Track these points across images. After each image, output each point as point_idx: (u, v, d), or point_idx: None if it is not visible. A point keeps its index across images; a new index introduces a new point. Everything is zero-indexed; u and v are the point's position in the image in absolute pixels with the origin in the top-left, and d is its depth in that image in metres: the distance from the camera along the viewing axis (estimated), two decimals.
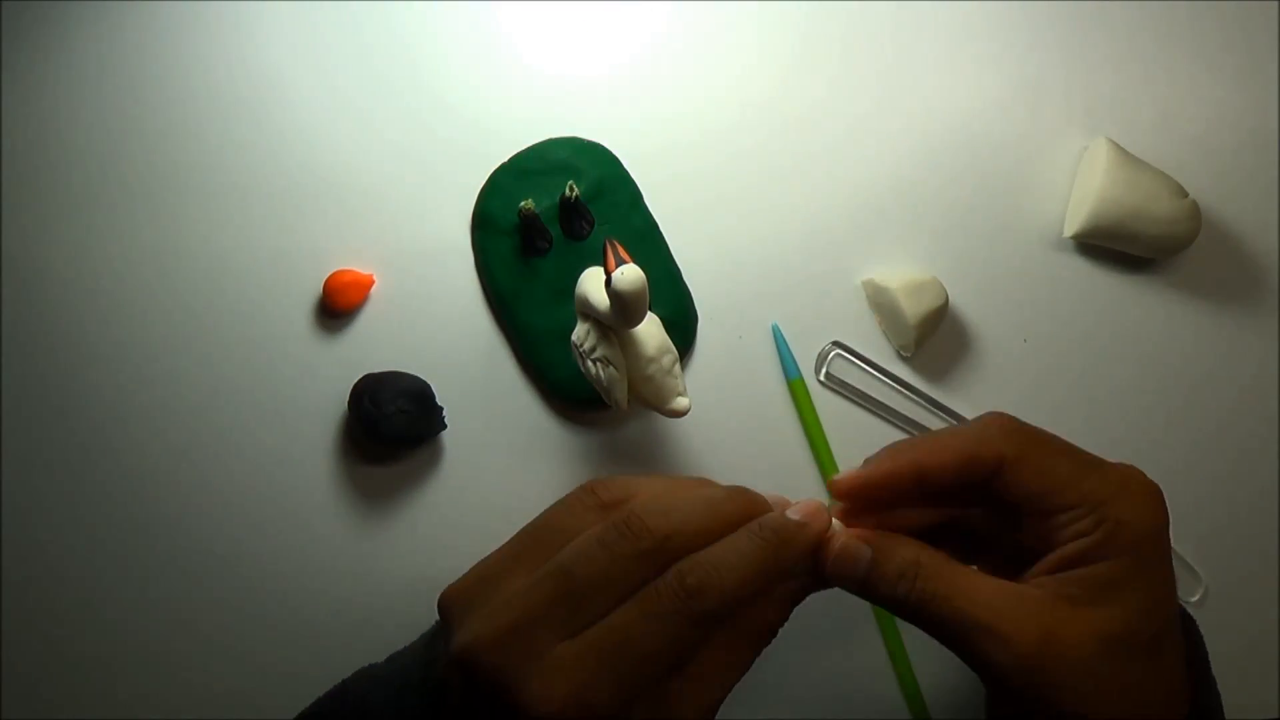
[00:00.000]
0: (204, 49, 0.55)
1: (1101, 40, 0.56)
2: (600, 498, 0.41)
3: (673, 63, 0.56)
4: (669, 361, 0.47)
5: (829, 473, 0.53)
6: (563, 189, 0.52)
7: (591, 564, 0.38)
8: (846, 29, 0.56)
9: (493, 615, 0.39)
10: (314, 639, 0.53)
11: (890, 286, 0.52)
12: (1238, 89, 0.57)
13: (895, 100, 0.56)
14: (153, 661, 0.53)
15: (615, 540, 0.38)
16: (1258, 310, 0.56)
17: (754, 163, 0.55)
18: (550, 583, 0.39)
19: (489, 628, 0.38)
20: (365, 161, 0.55)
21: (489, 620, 0.39)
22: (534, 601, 0.38)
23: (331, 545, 0.53)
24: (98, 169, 0.54)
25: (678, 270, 0.54)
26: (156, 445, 0.53)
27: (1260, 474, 0.55)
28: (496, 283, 0.54)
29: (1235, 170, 0.56)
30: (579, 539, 0.39)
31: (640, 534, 0.39)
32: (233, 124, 0.55)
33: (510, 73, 0.55)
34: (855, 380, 0.54)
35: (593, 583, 0.38)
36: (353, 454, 0.54)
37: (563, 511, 0.41)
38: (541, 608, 0.38)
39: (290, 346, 0.54)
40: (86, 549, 0.53)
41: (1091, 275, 0.55)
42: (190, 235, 0.54)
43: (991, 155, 0.56)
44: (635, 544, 0.38)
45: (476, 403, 0.54)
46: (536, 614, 0.38)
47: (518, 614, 0.38)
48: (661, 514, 0.39)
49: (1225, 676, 0.54)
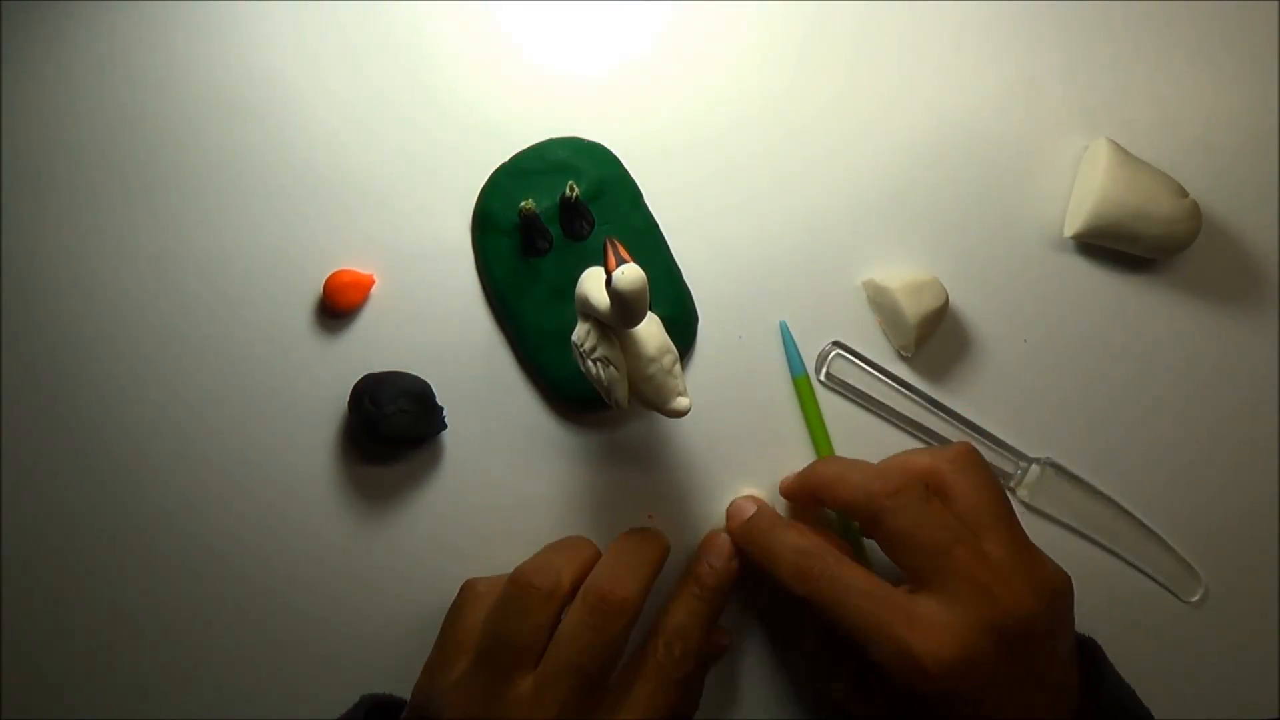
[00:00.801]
0: (204, 49, 0.55)
1: (1101, 40, 0.56)
2: (542, 591, 0.47)
3: (673, 63, 0.56)
4: (669, 361, 0.47)
5: None
6: (563, 189, 0.52)
7: (592, 654, 0.45)
8: (847, 29, 0.56)
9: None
10: (314, 639, 0.53)
11: (890, 286, 0.52)
12: (1238, 89, 0.57)
13: (895, 99, 0.56)
14: (152, 662, 0.53)
15: (604, 623, 0.45)
16: (1258, 310, 0.56)
17: (754, 163, 0.55)
18: (569, 680, 0.45)
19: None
20: (365, 161, 0.55)
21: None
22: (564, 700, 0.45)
23: (331, 545, 0.53)
24: (98, 169, 0.54)
25: (678, 270, 0.54)
26: (156, 445, 0.53)
27: (1260, 474, 0.55)
28: (496, 283, 0.54)
29: (1235, 170, 0.56)
30: (567, 630, 0.46)
31: (621, 609, 0.46)
32: (233, 124, 0.55)
33: (510, 73, 0.55)
34: (855, 380, 0.54)
35: (601, 670, 0.45)
36: (353, 454, 0.53)
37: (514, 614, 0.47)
38: (573, 703, 0.45)
39: (290, 346, 0.54)
40: (86, 549, 0.53)
41: (1091, 275, 0.55)
42: (190, 235, 0.54)
43: (992, 155, 0.56)
44: (620, 620, 0.46)
45: (476, 403, 0.54)
46: (569, 710, 0.44)
47: (555, 714, 0.44)
48: (621, 584, 0.46)
49: (1225, 676, 0.54)
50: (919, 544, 0.45)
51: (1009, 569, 0.44)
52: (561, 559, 0.48)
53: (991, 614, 0.43)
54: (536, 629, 0.46)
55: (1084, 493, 0.54)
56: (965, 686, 0.43)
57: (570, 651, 0.45)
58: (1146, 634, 0.54)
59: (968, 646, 0.43)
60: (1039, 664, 0.44)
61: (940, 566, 0.44)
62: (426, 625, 0.52)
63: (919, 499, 0.45)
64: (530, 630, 0.46)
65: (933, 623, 0.43)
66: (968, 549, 0.44)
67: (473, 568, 0.53)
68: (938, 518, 0.45)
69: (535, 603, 0.46)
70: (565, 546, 0.50)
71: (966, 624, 0.43)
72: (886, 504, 0.45)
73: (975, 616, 0.43)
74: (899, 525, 0.45)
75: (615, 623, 0.46)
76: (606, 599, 0.46)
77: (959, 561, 0.44)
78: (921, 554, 0.45)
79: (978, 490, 0.47)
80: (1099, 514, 0.54)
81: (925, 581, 0.44)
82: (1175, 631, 0.54)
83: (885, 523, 0.45)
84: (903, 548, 0.45)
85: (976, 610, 0.43)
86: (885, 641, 0.43)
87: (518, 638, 0.46)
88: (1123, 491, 0.55)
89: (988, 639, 0.43)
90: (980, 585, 0.44)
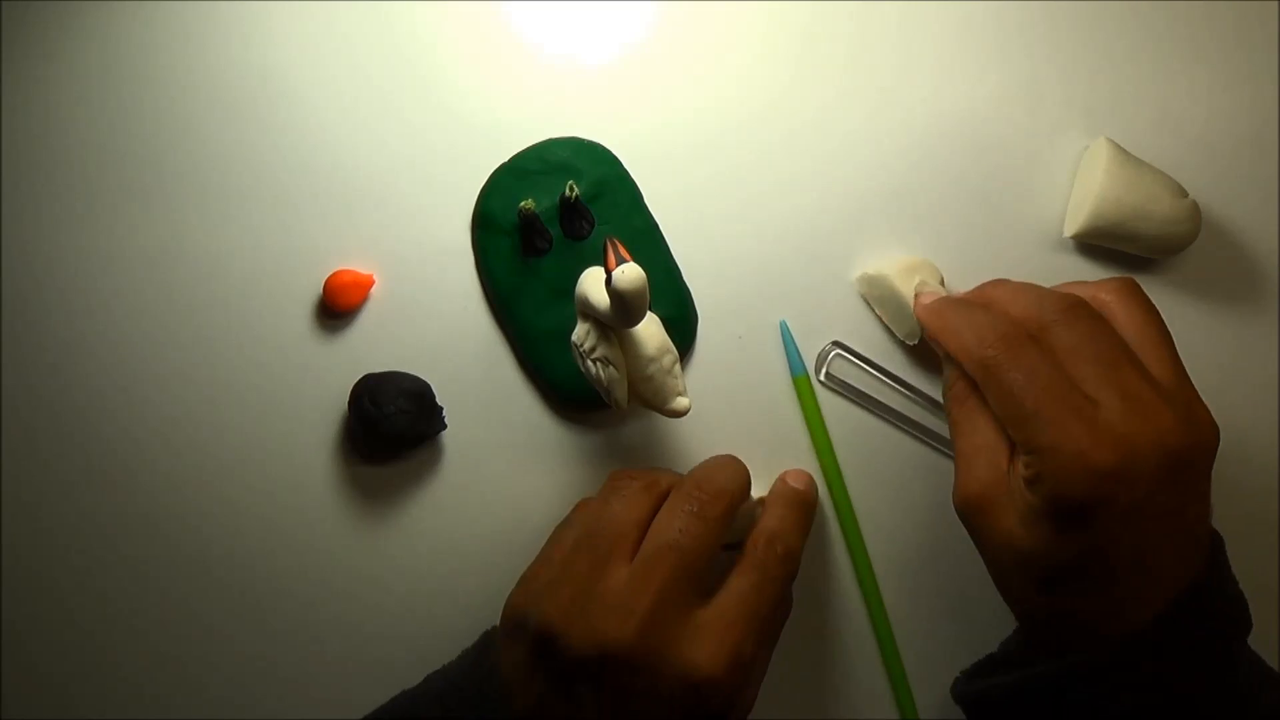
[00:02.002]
0: (204, 49, 0.55)
1: (1101, 40, 0.56)
2: (639, 482, 0.48)
3: (673, 62, 0.56)
4: (669, 361, 0.47)
5: (830, 467, 0.54)
6: (563, 189, 0.52)
7: (690, 535, 0.45)
8: (847, 29, 0.56)
9: (628, 609, 0.43)
10: (314, 639, 0.53)
11: (885, 273, 0.52)
12: (1238, 89, 0.57)
13: (895, 99, 0.56)
14: (152, 662, 0.53)
15: (701, 508, 0.45)
16: (1258, 310, 0.56)
17: (754, 163, 0.55)
18: (669, 559, 0.44)
19: (630, 624, 0.43)
20: (365, 161, 0.55)
21: (628, 618, 0.43)
22: (663, 580, 0.44)
23: (331, 545, 0.53)
24: (98, 169, 0.54)
25: (678, 270, 0.54)
26: (156, 445, 0.53)
27: (1260, 474, 0.55)
28: (496, 283, 0.54)
29: (1235, 170, 0.56)
30: (665, 515, 0.46)
31: (719, 495, 0.46)
32: (233, 124, 0.55)
33: (510, 72, 0.55)
34: (855, 380, 0.54)
35: (699, 551, 0.45)
36: (353, 454, 0.53)
37: (613, 501, 0.47)
38: (671, 585, 0.44)
39: (290, 346, 0.54)
40: (86, 549, 0.53)
41: (1091, 275, 0.55)
42: (190, 235, 0.54)
43: (991, 155, 0.56)
44: (718, 506, 0.46)
45: (476, 403, 0.54)
46: (668, 592, 0.44)
47: (653, 596, 0.43)
48: (717, 473, 0.47)
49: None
50: (1093, 356, 0.43)
51: (1177, 394, 0.44)
52: (656, 470, 0.50)
53: (1160, 434, 0.42)
54: (634, 518, 0.46)
55: None
56: (1123, 495, 0.41)
57: (668, 532, 0.45)
58: None
59: (1136, 456, 0.41)
60: (1190, 502, 0.43)
61: (1112, 379, 0.43)
62: (426, 624, 0.52)
63: (1089, 316, 0.44)
64: (627, 518, 0.46)
65: (1110, 428, 0.41)
66: (1136, 371, 0.43)
67: (472, 567, 0.53)
68: (1109, 336, 0.44)
69: (633, 493, 0.47)
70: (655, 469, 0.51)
71: (1141, 435, 0.42)
72: (1058, 318, 0.44)
73: (1149, 430, 0.42)
74: (1068, 341, 0.44)
75: (713, 507, 0.45)
76: (703, 485, 0.46)
77: (1129, 380, 0.43)
78: (1097, 365, 0.43)
79: (1144, 315, 0.46)
80: None
81: (1095, 393, 0.42)
82: None
83: (1056, 335, 0.44)
84: (1078, 358, 0.43)
85: (1150, 424, 0.42)
86: (1060, 433, 0.41)
87: (614, 524, 0.46)
88: None
89: (1154, 456, 0.42)
90: (1151, 405, 0.42)
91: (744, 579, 0.46)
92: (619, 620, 0.43)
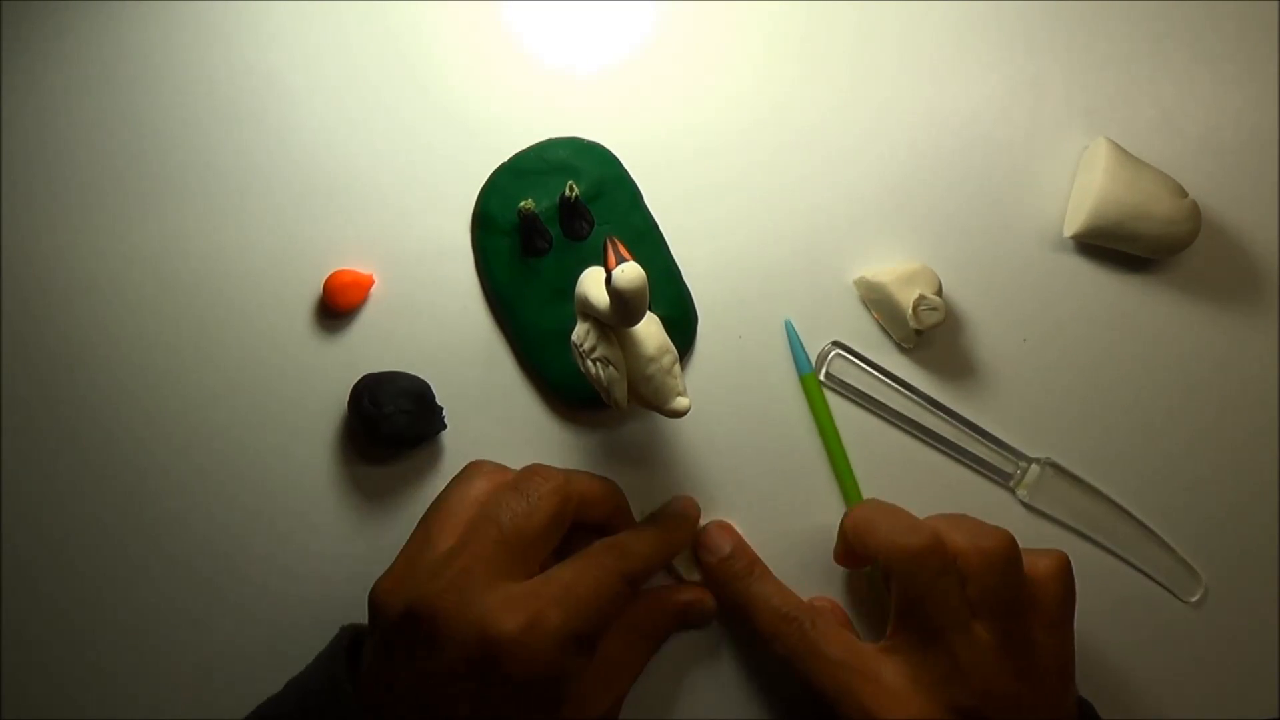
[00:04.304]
0: (204, 49, 0.55)
1: (1101, 40, 0.56)
2: (485, 470, 0.49)
3: (672, 63, 0.56)
4: (669, 361, 0.47)
5: (841, 467, 0.54)
6: (563, 189, 0.52)
7: (515, 513, 0.46)
8: (847, 30, 0.56)
9: (440, 570, 0.45)
10: (314, 639, 0.53)
11: (883, 281, 0.52)
12: (1238, 89, 0.57)
13: (894, 100, 0.56)
14: (152, 661, 0.53)
15: (532, 493, 0.46)
16: (1258, 310, 0.56)
17: (754, 163, 0.55)
18: (489, 532, 0.45)
19: (438, 582, 0.44)
20: (365, 161, 0.55)
21: (437, 577, 0.45)
22: (479, 548, 0.45)
23: (331, 545, 0.53)
24: (98, 169, 0.54)
25: (678, 270, 0.54)
26: (156, 445, 0.53)
27: (1260, 474, 0.55)
28: (496, 283, 0.54)
29: (1235, 170, 0.56)
30: (492, 496, 0.47)
31: (556, 489, 0.47)
32: (233, 124, 0.55)
33: (510, 73, 0.55)
34: (855, 380, 0.54)
35: (520, 530, 0.46)
36: (353, 454, 0.54)
37: (462, 485, 0.49)
38: (486, 554, 0.45)
39: (290, 346, 0.54)
40: (86, 549, 0.53)
41: (1091, 275, 0.55)
42: (190, 235, 0.54)
43: (992, 155, 0.56)
44: (551, 496, 0.46)
45: (476, 403, 0.54)
46: (481, 560, 0.45)
47: (465, 560, 0.45)
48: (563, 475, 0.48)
49: (1225, 676, 0.54)
50: (922, 613, 0.46)
51: (995, 657, 0.45)
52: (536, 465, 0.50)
53: (959, 696, 0.45)
54: (473, 496, 0.48)
55: (1083, 493, 0.54)
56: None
57: (492, 508, 0.46)
58: (1146, 634, 0.54)
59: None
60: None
61: (929, 640, 0.45)
62: None
63: (937, 572, 0.46)
64: (467, 497, 0.48)
65: (898, 693, 0.45)
66: (962, 635, 0.45)
67: None
68: (944, 598, 0.46)
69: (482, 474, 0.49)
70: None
71: (931, 699, 0.45)
72: (906, 566, 0.46)
73: (942, 695, 0.45)
74: (909, 589, 0.46)
75: (546, 496, 0.46)
76: (542, 474, 0.48)
77: (949, 644, 0.45)
78: (917, 620, 0.46)
79: (1000, 589, 0.46)
80: (1099, 514, 0.54)
81: (909, 642, 0.46)
82: (1175, 632, 0.54)
83: (898, 581, 0.47)
84: (905, 606, 0.46)
85: (945, 690, 0.45)
86: (851, 708, 0.45)
87: (451, 504, 0.48)
88: (1122, 491, 0.54)
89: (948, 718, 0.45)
90: (958, 667, 0.45)
91: (567, 564, 0.46)
92: (428, 578, 0.45)
